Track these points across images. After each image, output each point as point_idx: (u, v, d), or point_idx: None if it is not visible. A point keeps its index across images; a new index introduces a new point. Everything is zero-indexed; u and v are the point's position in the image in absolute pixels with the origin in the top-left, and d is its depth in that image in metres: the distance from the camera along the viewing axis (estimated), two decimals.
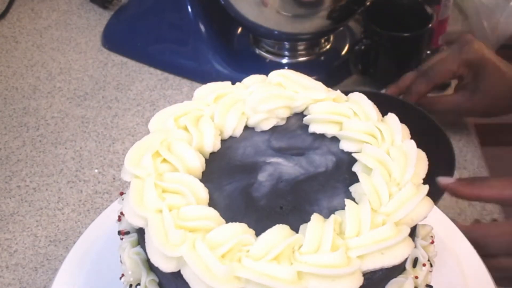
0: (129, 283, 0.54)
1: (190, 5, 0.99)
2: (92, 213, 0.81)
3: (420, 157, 0.53)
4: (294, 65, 1.02)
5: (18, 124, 0.94)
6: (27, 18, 1.16)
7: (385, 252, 0.47)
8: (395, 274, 0.51)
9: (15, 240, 0.78)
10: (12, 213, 0.81)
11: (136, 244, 0.54)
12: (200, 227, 0.48)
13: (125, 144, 0.91)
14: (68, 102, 0.98)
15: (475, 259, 0.65)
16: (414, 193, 0.50)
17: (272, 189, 0.53)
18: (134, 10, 1.09)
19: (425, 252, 0.54)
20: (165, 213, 0.48)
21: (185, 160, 0.53)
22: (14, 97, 0.99)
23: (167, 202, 0.49)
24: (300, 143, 0.57)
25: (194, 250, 0.46)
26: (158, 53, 1.05)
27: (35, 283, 0.73)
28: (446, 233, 0.66)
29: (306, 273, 0.45)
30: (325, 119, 0.57)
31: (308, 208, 0.51)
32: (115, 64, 1.06)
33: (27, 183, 0.85)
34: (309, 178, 0.53)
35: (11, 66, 1.05)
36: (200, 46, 1.01)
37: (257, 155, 0.56)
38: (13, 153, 0.90)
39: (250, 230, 0.48)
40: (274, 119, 0.58)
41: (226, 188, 0.52)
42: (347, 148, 0.56)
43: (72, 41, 1.11)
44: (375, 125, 0.55)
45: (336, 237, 0.47)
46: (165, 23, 1.03)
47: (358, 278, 0.46)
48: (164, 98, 0.99)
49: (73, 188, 0.84)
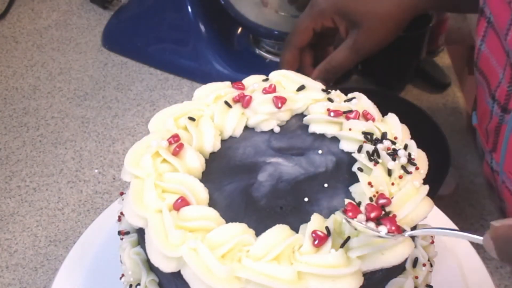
0: (129, 283, 0.54)
1: (190, 5, 0.99)
2: (92, 213, 0.81)
3: (421, 157, 0.54)
4: None
5: (18, 124, 0.94)
6: (27, 18, 1.16)
7: (385, 252, 0.47)
8: (395, 274, 0.51)
9: (15, 240, 0.78)
10: (12, 213, 0.81)
11: (136, 244, 0.54)
12: (200, 227, 0.48)
13: (125, 144, 0.91)
14: (68, 102, 0.98)
15: (475, 259, 0.65)
16: (414, 193, 0.50)
17: (272, 189, 0.53)
18: (134, 10, 1.09)
19: (425, 252, 0.54)
20: (165, 213, 0.48)
21: (185, 160, 0.53)
22: (14, 97, 0.99)
23: (167, 202, 0.49)
24: (300, 143, 0.57)
25: (194, 250, 0.46)
26: (158, 53, 1.05)
27: (35, 283, 0.73)
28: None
29: (306, 273, 0.45)
30: (325, 119, 0.57)
31: (308, 208, 0.51)
32: (115, 64, 1.06)
33: (27, 183, 0.85)
34: (309, 178, 0.53)
35: (11, 66, 1.05)
36: (200, 46, 1.01)
37: (257, 155, 0.56)
38: (13, 153, 0.90)
39: (250, 230, 0.48)
40: (274, 120, 0.58)
41: (226, 188, 0.52)
42: (347, 148, 0.56)
43: (72, 41, 1.11)
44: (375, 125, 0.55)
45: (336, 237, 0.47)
46: (165, 23, 1.03)
47: (358, 278, 0.46)
48: (164, 98, 0.99)
49: (73, 188, 0.84)
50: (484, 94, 0.71)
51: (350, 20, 0.76)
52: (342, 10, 0.77)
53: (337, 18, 0.78)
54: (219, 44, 1.01)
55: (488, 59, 0.68)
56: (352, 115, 0.57)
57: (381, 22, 0.76)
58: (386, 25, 0.76)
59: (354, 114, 0.57)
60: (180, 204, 0.49)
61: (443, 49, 1.07)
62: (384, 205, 0.49)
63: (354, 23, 0.76)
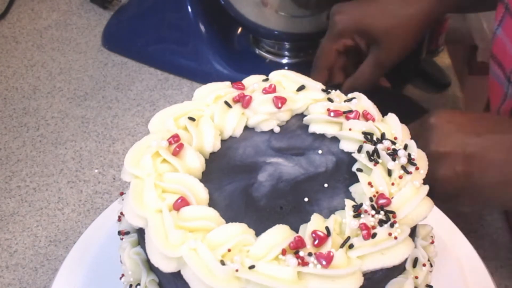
0: (129, 283, 0.54)
1: (190, 5, 0.99)
2: (92, 213, 0.81)
3: (421, 157, 0.54)
4: (294, 65, 1.02)
5: (18, 124, 0.94)
6: (27, 18, 1.16)
7: (385, 252, 0.47)
8: (395, 274, 0.51)
9: (15, 240, 0.78)
10: (12, 213, 0.81)
11: (136, 244, 0.54)
12: (200, 227, 0.48)
13: (125, 144, 0.91)
14: (68, 102, 0.98)
15: (475, 259, 0.65)
16: (414, 193, 0.50)
17: (272, 189, 0.53)
18: (134, 10, 1.09)
19: (425, 252, 0.54)
20: (165, 213, 0.48)
21: (185, 160, 0.53)
22: (14, 97, 0.99)
23: (167, 202, 0.49)
24: (300, 143, 0.57)
25: (194, 250, 0.46)
26: (158, 53, 1.05)
27: (35, 283, 0.73)
28: (446, 233, 0.66)
29: (306, 273, 0.45)
30: (325, 119, 0.57)
31: (308, 208, 0.51)
32: (115, 64, 1.06)
33: (27, 183, 0.85)
34: (309, 178, 0.53)
35: (11, 66, 1.05)
36: (200, 46, 1.01)
37: (257, 155, 0.56)
38: (13, 153, 0.90)
39: (250, 230, 0.48)
40: (274, 120, 0.58)
41: (226, 188, 0.52)
42: (347, 148, 0.56)
43: (72, 41, 1.11)
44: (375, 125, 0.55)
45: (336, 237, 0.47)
46: (165, 23, 1.03)
47: (358, 278, 0.46)
48: (164, 98, 0.99)
49: (73, 188, 0.84)
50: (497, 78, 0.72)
51: (369, 37, 0.78)
52: (360, 28, 0.78)
53: (356, 37, 0.79)
54: (219, 44, 1.01)
55: (503, 43, 0.70)
56: (352, 115, 0.56)
57: (400, 37, 0.77)
58: (405, 39, 0.78)
59: (354, 114, 0.57)
60: (180, 204, 0.49)
61: (443, 49, 1.07)
62: (384, 205, 0.49)
63: (373, 40, 0.78)
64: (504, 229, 0.78)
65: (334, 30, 0.80)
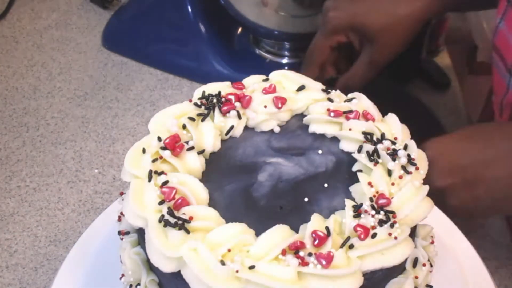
0: (129, 283, 0.54)
1: (190, 5, 0.99)
2: (92, 213, 0.81)
3: (421, 157, 0.54)
4: (294, 65, 1.02)
5: (18, 124, 0.94)
6: (27, 18, 1.16)
7: (385, 252, 0.47)
8: (395, 274, 0.51)
9: (15, 240, 0.78)
10: (12, 213, 0.81)
11: (136, 244, 0.54)
12: (200, 227, 0.48)
13: (125, 144, 0.91)
14: (68, 102, 0.98)
15: (475, 259, 0.65)
16: (414, 193, 0.50)
17: (272, 189, 0.53)
18: (134, 10, 1.09)
19: (425, 252, 0.54)
20: (165, 213, 0.48)
21: (185, 160, 0.53)
22: (14, 97, 0.99)
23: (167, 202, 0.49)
24: (300, 143, 0.57)
25: (194, 250, 0.46)
26: (158, 53, 1.05)
27: (35, 283, 0.73)
28: (446, 233, 0.66)
29: (306, 273, 0.45)
30: (325, 119, 0.57)
31: (308, 208, 0.51)
32: (115, 64, 1.06)
33: (27, 183, 0.85)
34: (309, 178, 0.53)
35: (11, 66, 1.05)
36: (200, 46, 1.01)
37: (257, 155, 0.56)
38: (13, 153, 0.90)
39: (250, 230, 0.48)
40: (274, 121, 0.58)
41: (226, 188, 0.52)
42: (347, 148, 0.56)
43: (72, 41, 1.11)
44: (375, 125, 0.55)
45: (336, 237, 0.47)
46: (165, 23, 1.03)
47: (358, 278, 0.46)
48: (164, 98, 0.99)
49: (73, 188, 0.84)
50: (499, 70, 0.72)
51: (364, 35, 0.77)
52: (355, 26, 0.77)
53: (350, 34, 0.78)
54: (219, 44, 1.01)
55: (505, 36, 0.70)
56: (352, 115, 0.56)
57: (394, 35, 0.77)
58: (400, 37, 0.77)
59: (354, 114, 0.57)
60: (180, 204, 0.49)
61: (443, 49, 1.07)
62: (384, 205, 0.49)
63: (367, 38, 0.77)
64: (504, 229, 0.79)
65: (328, 26, 0.79)
